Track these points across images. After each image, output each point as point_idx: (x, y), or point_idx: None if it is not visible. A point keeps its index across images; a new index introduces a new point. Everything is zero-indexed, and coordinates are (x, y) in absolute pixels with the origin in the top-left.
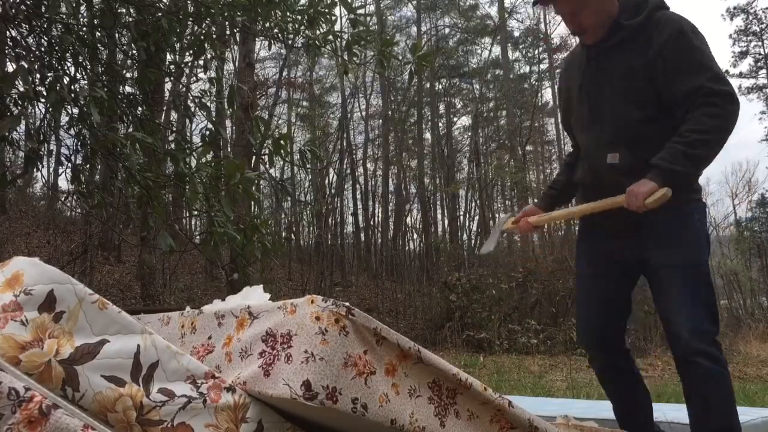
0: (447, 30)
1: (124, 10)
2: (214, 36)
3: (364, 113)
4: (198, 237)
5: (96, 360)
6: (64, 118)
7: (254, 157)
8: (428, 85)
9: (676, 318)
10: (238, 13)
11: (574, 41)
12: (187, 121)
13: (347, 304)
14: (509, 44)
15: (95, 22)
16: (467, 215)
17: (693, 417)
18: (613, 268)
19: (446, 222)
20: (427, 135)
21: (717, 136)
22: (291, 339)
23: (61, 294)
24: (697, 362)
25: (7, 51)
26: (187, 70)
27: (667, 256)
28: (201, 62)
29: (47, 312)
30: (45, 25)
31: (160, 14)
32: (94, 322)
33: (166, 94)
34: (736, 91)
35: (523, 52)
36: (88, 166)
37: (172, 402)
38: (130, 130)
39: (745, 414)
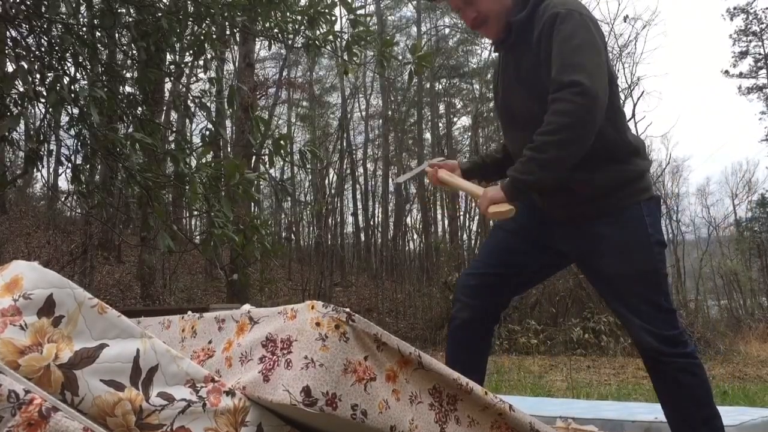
0: (447, 30)
1: (124, 10)
2: (214, 36)
3: (364, 113)
4: (198, 237)
5: (95, 364)
6: (64, 118)
7: (254, 157)
8: (428, 85)
9: (639, 325)
10: (238, 13)
11: None
12: (187, 121)
13: (348, 309)
14: None
15: (95, 22)
16: (467, 215)
17: (674, 409)
18: (535, 244)
19: (446, 222)
20: (427, 135)
21: (567, 134)
22: (291, 344)
23: (60, 298)
24: (671, 362)
25: (7, 51)
26: (187, 70)
27: (621, 266)
28: (201, 62)
29: (46, 316)
30: (45, 25)
31: (160, 14)
32: (94, 326)
33: (166, 94)
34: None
35: None
36: (88, 166)
37: (172, 406)
38: (130, 130)
39: (745, 414)
